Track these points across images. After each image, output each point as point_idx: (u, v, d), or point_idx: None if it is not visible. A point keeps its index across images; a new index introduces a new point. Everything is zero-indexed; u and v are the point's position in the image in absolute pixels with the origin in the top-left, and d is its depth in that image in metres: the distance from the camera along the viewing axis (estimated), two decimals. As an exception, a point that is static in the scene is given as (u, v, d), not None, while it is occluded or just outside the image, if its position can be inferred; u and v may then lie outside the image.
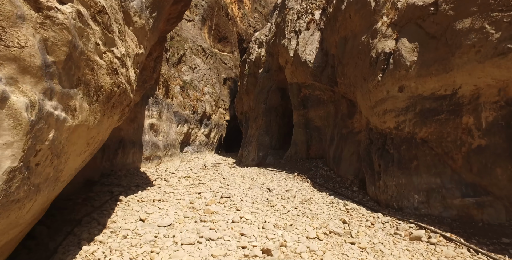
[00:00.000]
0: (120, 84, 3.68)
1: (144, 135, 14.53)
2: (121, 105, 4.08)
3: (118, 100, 3.80)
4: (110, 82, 3.37)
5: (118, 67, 3.57)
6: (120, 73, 3.64)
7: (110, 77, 3.37)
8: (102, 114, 3.45)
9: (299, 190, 9.06)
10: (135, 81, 4.97)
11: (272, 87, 18.34)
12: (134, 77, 4.77)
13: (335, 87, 11.58)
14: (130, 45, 4.64)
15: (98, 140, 3.64)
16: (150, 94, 15.83)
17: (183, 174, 12.70)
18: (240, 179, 11.25)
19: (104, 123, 3.65)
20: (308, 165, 12.55)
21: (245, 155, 17.69)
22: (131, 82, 4.50)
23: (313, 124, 13.37)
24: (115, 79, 3.46)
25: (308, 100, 13.49)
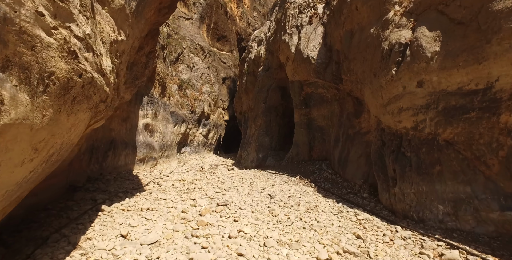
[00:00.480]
0: (83, 72, 2.83)
1: (138, 135, 13.67)
2: (89, 100, 3.24)
3: (81, 93, 2.95)
4: (66, 68, 2.53)
5: (79, 50, 2.73)
6: (82, 58, 2.80)
7: (66, 62, 2.53)
8: (57, 111, 2.60)
9: (303, 196, 8.20)
10: (112, 73, 4.14)
11: (272, 86, 17.49)
12: (110, 68, 3.94)
13: (340, 85, 10.74)
14: (104, 29, 3.80)
15: (54, 143, 2.80)
16: (145, 93, 14.97)
17: (178, 177, 11.84)
18: (239, 183, 10.39)
19: (63, 122, 2.80)
20: (311, 167, 11.70)
21: (244, 156, 16.83)
22: (105, 72, 3.67)
23: (316, 124, 12.52)
24: (73, 65, 2.62)
25: (310, 99, 12.64)
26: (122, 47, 4.69)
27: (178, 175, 12.51)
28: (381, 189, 6.67)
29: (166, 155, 17.11)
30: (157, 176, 11.80)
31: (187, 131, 22.43)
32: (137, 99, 13.81)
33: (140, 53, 9.24)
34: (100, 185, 8.51)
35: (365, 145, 8.84)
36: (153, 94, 16.16)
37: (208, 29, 28.43)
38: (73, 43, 2.60)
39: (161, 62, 18.49)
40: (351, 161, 9.20)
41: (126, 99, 10.04)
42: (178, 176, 12.12)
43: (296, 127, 13.46)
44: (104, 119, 5.51)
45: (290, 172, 11.93)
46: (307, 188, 9.34)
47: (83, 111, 3.21)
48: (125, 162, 12.04)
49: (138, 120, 13.88)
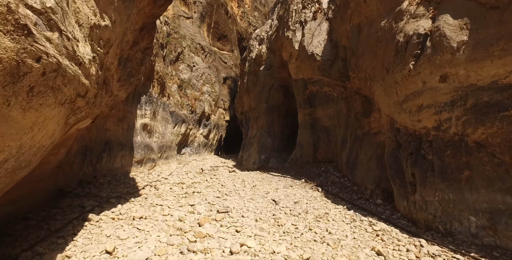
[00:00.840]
0: (43, 55, 2.18)
1: (136, 136, 13.02)
2: (58, 93, 2.59)
3: (43, 83, 2.30)
4: (13, 47, 1.88)
5: (35, 26, 2.08)
6: (41, 37, 2.16)
7: (13, 39, 1.88)
8: (4, 104, 1.95)
9: (310, 201, 7.52)
10: (93, 63, 3.49)
11: (274, 85, 16.83)
12: (90, 57, 3.29)
13: (346, 83, 10.06)
14: (81, 9, 3.15)
15: (5, 147, 2.15)
16: (143, 92, 14.33)
17: (177, 179, 11.17)
18: (241, 186, 9.72)
19: (16, 119, 2.15)
20: (316, 169, 11.01)
21: (246, 157, 16.16)
22: (81, 61, 3.02)
23: (321, 124, 11.85)
24: (25, 44, 1.97)
25: (315, 98, 11.97)
26: (107, 35, 4.04)
27: (177, 177, 11.84)
28: (397, 195, 5.99)
29: (165, 156, 16.45)
30: (155, 179, 11.13)
31: (188, 132, 21.77)
32: (135, 99, 13.17)
33: (135, 49, 8.58)
34: (92, 189, 7.85)
35: (376, 146, 8.16)
36: (152, 93, 15.52)
37: (208, 28, 27.80)
38: (24, 15, 1.96)
39: (160, 61, 17.86)
40: (360, 164, 8.51)
41: (121, 97, 9.39)
42: (177, 178, 11.46)
43: (300, 127, 12.78)
44: (89, 118, 4.86)
45: (294, 175, 11.25)
46: (313, 192, 8.66)
47: (49, 106, 2.56)
48: (121, 164, 11.39)
49: (135, 121, 13.23)
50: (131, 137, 12.56)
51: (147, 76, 14.46)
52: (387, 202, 6.70)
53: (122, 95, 9.33)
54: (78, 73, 2.97)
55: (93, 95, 3.95)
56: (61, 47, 2.48)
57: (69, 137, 6.17)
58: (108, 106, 9.61)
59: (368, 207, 6.66)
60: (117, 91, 8.68)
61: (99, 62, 3.88)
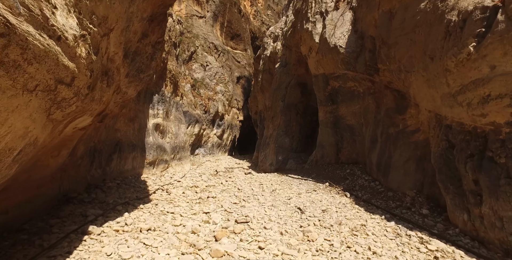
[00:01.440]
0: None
1: (148, 136, 12.33)
2: (18, 72, 1.78)
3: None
4: None
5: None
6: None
7: None
8: None
9: (340, 209, 6.50)
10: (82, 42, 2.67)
11: (291, 83, 15.82)
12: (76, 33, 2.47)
13: (375, 76, 8.97)
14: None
15: None
16: (155, 91, 13.65)
17: (191, 182, 10.36)
18: (259, 190, 8.79)
19: None
20: (341, 172, 9.94)
21: (262, 158, 15.22)
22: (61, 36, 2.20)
23: (345, 122, 10.76)
24: None
25: (337, 94, 10.90)
26: (103, 12, 3.22)
27: (190, 180, 11.04)
28: (452, 205, 4.89)
29: (178, 157, 15.75)
30: (167, 182, 10.36)
31: (201, 132, 21.06)
32: (146, 98, 12.49)
33: (145, 42, 7.81)
34: (99, 194, 7.12)
35: (414, 146, 7.05)
36: (164, 92, 14.84)
37: (221, 27, 27.07)
38: None
39: (173, 60, 17.21)
40: (395, 166, 7.41)
41: (130, 95, 8.66)
42: (190, 181, 10.65)
43: (321, 126, 11.73)
44: (87, 115, 4.05)
45: (316, 177, 10.22)
46: (341, 198, 7.62)
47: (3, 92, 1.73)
48: (132, 166, 10.70)
49: (147, 121, 12.55)
50: (143, 137, 11.87)
51: (159, 75, 13.79)
52: (435, 212, 5.60)
53: (131, 92, 8.59)
54: (54, 50, 2.15)
55: (85, 85, 3.13)
56: (16, 3, 1.67)
57: (70, 138, 5.42)
58: (117, 104, 8.91)
59: (412, 218, 5.58)
60: (125, 88, 7.94)
61: (92, 43, 3.06)
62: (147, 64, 8.44)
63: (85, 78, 3.00)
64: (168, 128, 14.89)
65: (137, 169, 11.15)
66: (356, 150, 10.47)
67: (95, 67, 3.39)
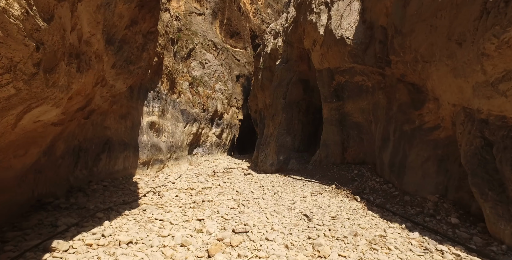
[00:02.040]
0: None
1: (142, 135, 11.46)
2: None
3: None
4: None
5: None
6: None
7: None
8: None
9: (352, 216, 5.64)
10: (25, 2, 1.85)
11: (293, 80, 14.97)
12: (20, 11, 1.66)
13: (386, 69, 8.12)
14: None
15: None
16: (150, 88, 12.79)
17: (186, 184, 9.49)
18: (259, 193, 7.93)
19: None
20: (348, 173, 9.08)
21: (262, 158, 14.35)
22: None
23: (351, 120, 9.91)
24: None
25: (343, 90, 10.04)
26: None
27: (186, 181, 10.17)
28: (494, 215, 4.03)
29: (175, 156, 14.88)
30: (160, 183, 9.50)
31: (199, 131, 20.20)
32: (140, 94, 11.63)
33: (134, 30, 6.95)
34: (79, 198, 6.25)
35: (434, 145, 6.19)
36: (160, 89, 13.97)
37: (221, 25, 26.22)
38: None
39: (170, 56, 16.35)
40: (411, 167, 6.56)
41: (119, 89, 7.79)
42: (185, 182, 9.78)
43: (325, 124, 10.88)
44: (46, 104, 3.18)
45: (321, 179, 9.36)
46: (350, 202, 6.76)
47: None
48: (123, 166, 9.82)
49: (141, 118, 11.68)
50: (136, 136, 11.00)
51: (154, 71, 12.93)
52: (467, 221, 4.74)
53: (120, 86, 7.72)
54: None
55: (28, 61, 2.28)
56: None
57: (40, 134, 4.54)
58: (106, 100, 8.05)
59: (440, 228, 4.71)
60: (113, 80, 7.07)
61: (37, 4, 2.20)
62: (137, 55, 7.57)
63: (25, 50, 2.16)
64: (164, 126, 14.02)
65: (129, 169, 10.28)
66: (363, 149, 9.61)
67: (47, 39, 2.54)
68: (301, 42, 14.91)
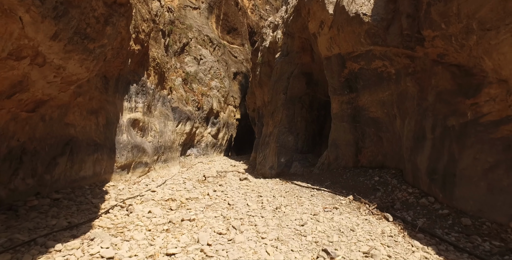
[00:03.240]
0: None
1: (120, 134, 9.49)
2: None
3: None
4: None
5: None
6: None
7: None
8: None
9: (392, 249, 3.70)
10: None
11: (294, 73, 13.05)
12: None
13: (417, 49, 6.19)
14: None
15: None
16: (133, 80, 10.83)
17: (168, 192, 7.53)
18: (257, 208, 5.97)
19: None
20: (366, 179, 7.14)
21: (260, 160, 12.40)
22: None
23: (367, 115, 7.98)
24: None
25: (357, 79, 8.12)
26: None
27: (169, 188, 8.20)
28: None
29: (164, 158, 12.91)
30: (137, 192, 7.53)
31: (193, 130, 18.23)
32: (119, 86, 9.66)
33: (88, -8, 4.98)
34: (9, 220, 4.27)
35: (502, 145, 4.26)
36: (146, 83, 12.01)
37: (217, 20, 24.28)
38: None
39: (159, 48, 14.39)
40: (466, 176, 4.62)
41: (77, 74, 5.82)
42: (168, 191, 7.81)
43: (334, 121, 8.95)
44: None
45: (332, 186, 7.42)
46: (380, 223, 4.81)
47: None
48: (93, 171, 7.84)
49: (120, 115, 9.72)
50: (113, 135, 9.03)
51: (138, 61, 10.97)
52: None
53: (76, 70, 5.74)
54: None
55: None
56: None
57: None
58: (63, 89, 6.07)
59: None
60: (60, 59, 5.10)
61: None
62: (97, 29, 5.61)
63: None
64: (150, 125, 12.06)
65: (102, 175, 8.30)
66: (382, 150, 7.68)
67: None
68: (303, 31, 13.00)
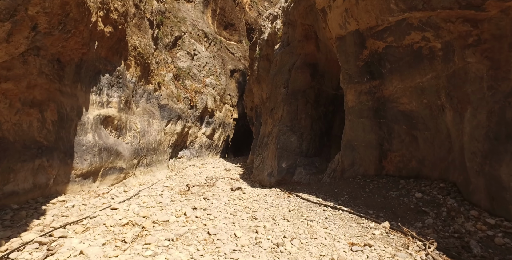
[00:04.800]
0: None
1: (83, 133, 7.35)
2: None
3: None
4: None
5: None
6: None
7: None
8: None
9: None
10: None
11: (296, 64, 10.94)
12: None
13: (487, 5, 4.06)
14: None
15: None
16: (104, 70, 8.69)
17: (134, 210, 5.37)
18: (249, 243, 3.82)
19: None
20: (401, 195, 4.98)
21: (258, 164, 10.26)
22: None
23: (396, 108, 5.85)
24: None
25: (382, 62, 5.99)
26: None
27: (138, 204, 6.04)
28: None
29: (147, 162, 10.77)
30: (91, 210, 5.38)
31: (186, 130, 16.09)
32: (82, 75, 7.54)
33: None
34: None
35: None
36: (124, 75, 9.90)
37: (213, 15, 22.21)
38: None
39: (143, 37, 12.29)
40: None
41: None
42: (135, 207, 5.65)
43: (350, 117, 6.82)
44: None
45: (351, 203, 5.27)
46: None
47: None
48: (34, 183, 5.68)
49: (84, 110, 7.59)
50: (70, 135, 6.89)
51: (110, 47, 8.85)
52: None
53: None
54: None
55: None
56: None
57: None
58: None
59: None
60: None
61: None
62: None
63: None
64: (129, 123, 9.93)
65: (51, 186, 6.15)
66: (418, 154, 5.54)
67: None
68: (307, 16, 10.91)
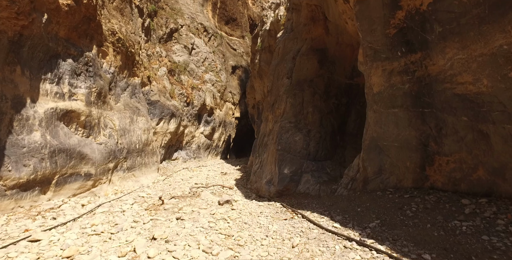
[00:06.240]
0: None
1: (26, 131, 5.51)
2: None
3: None
4: None
5: None
6: None
7: None
8: None
9: None
10: None
11: (302, 50, 8.94)
12: None
13: None
14: None
15: None
16: (66, 54, 6.91)
17: (66, 242, 3.47)
18: None
19: None
20: (477, 228, 2.94)
21: (256, 168, 8.30)
22: None
23: (450, 91, 3.79)
24: None
25: (428, 25, 3.94)
26: None
27: (80, 228, 4.16)
28: None
29: (128, 165, 8.95)
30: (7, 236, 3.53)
31: (181, 129, 14.26)
32: (24, 56, 5.73)
33: None
34: None
35: None
36: (96, 62, 8.12)
37: (214, 8, 20.41)
38: None
39: (127, 23, 10.55)
40: None
41: None
42: (68, 237, 3.76)
43: (375, 107, 4.78)
44: None
45: (385, 233, 3.25)
46: None
47: None
48: None
49: (30, 101, 5.79)
50: (1, 133, 5.10)
51: (75, 27, 7.07)
52: None
53: None
54: None
55: None
56: None
57: None
58: None
59: None
60: None
61: None
62: None
63: None
64: (104, 120, 8.13)
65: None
66: (489, 160, 3.48)
67: None
68: (314, -6, 8.93)
